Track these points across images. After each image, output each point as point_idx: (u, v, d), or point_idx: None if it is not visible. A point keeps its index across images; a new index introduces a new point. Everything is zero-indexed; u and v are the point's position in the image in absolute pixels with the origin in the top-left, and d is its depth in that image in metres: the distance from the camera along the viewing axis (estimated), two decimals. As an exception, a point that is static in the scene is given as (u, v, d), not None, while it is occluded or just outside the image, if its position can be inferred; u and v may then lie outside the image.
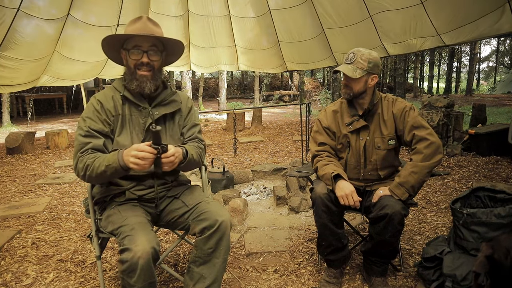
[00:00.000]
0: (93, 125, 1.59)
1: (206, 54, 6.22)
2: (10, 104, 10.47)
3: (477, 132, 5.00)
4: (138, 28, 1.58)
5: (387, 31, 4.54)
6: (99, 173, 1.50)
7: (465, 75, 28.48)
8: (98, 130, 1.59)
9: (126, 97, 1.65)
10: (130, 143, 1.62)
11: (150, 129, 1.61)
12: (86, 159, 1.53)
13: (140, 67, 1.60)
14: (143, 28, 1.58)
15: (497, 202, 2.03)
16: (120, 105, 1.65)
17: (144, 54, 1.59)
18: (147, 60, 1.59)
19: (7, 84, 4.18)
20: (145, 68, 1.60)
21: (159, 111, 1.69)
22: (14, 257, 2.45)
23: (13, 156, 5.87)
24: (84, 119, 1.60)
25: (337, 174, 1.88)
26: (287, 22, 5.58)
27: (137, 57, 1.59)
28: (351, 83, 1.93)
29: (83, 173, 1.53)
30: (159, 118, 1.69)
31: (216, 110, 9.09)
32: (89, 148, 1.56)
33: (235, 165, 5.02)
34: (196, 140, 1.80)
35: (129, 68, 1.62)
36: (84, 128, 1.58)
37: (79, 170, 1.54)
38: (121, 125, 1.64)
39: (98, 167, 1.49)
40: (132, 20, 1.62)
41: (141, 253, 1.36)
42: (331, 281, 2.01)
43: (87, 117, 1.60)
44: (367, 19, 4.60)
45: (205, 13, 5.61)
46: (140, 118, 1.67)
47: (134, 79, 1.61)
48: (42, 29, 4.14)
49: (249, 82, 23.05)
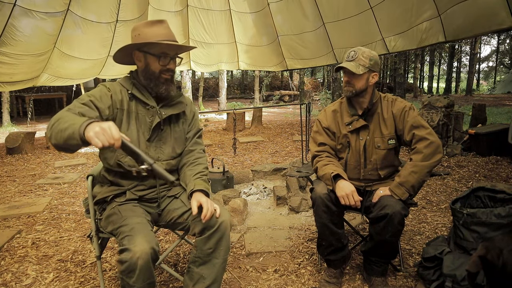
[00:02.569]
0: (96, 102, 1.55)
1: (206, 52, 6.21)
2: (10, 104, 10.47)
3: (477, 132, 5.00)
4: (164, 34, 1.61)
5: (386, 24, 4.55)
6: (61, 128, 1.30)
7: (465, 75, 28.49)
8: (97, 106, 1.55)
9: (134, 95, 1.65)
10: (136, 140, 1.64)
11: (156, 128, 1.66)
12: (66, 114, 1.40)
13: (165, 72, 1.65)
14: (170, 35, 1.63)
15: (497, 202, 2.03)
16: (127, 101, 1.65)
17: (170, 60, 1.65)
18: (174, 67, 1.67)
19: (7, 81, 4.18)
20: (169, 73, 1.66)
21: (166, 111, 1.70)
22: (14, 257, 2.45)
23: (13, 156, 5.87)
24: (88, 95, 1.57)
25: (337, 174, 1.88)
26: (286, 15, 5.58)
27: (165, 62, 1.63)
28: (353, 80, 1.93)
29: (53, 123, 1.36)
30: (165, 118, 1.69)
31: (216, 110, 9.08)
32: (79, 112, 1.45)
33: (235, 165, 5.02)
34: (198, 150, 1.83)
35: (151, 72, 1.64)
36: (85, 98, 1.54)
37: (53, 119, 1.37)
38: (127, 122, 1.64)
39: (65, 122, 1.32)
40: (150, 23, 1.63)
41: (140, 253, 1.36)
42: (331, 281, 2.01)
43: (92, 94, 1.58)
44: (367, 10, 4.60)
45: (205, 7, 5.61)
46: (147, 117, 1.67)
47: (161, 83, 1.65)
48: (40, 24, 4.12)
49: (249, 82, 23.06)
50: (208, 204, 1.58)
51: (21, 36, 3.92)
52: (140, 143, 1.65)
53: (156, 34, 1.60)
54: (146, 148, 1.67)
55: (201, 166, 1.77)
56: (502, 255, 1.13)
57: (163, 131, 1.71)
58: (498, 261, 1.14)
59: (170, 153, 1.74)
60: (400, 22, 4.45)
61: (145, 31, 1.60)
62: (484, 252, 1.19)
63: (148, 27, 1.61)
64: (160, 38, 1.59)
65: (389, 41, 4.77)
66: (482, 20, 3.52)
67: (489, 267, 1.16)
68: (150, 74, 1.64)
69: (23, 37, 3.95)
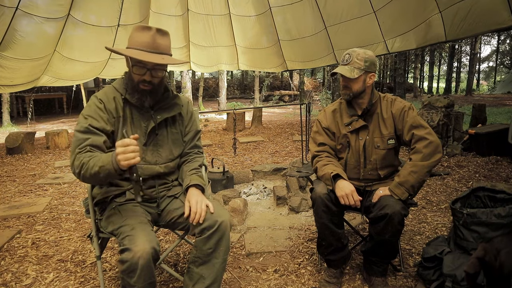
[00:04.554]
0: (95, 123, 1.54)
1: (206, 53, 6.23)
2: (10, 104, 10.48)
3: (477, 132, 5.00)
4: (146, 42, 1.51)
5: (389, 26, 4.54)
6: (92, 174, 1.42)
7: (465, 75, 28.49)
8: (99, 128, 1.55)
9: (127, 100, 1.63)
10: None
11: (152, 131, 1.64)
12: (83, 156, 1.46)
13: (143, 83, 1.57)
14: (151, 44, 1.52)
15: (497, 202, 2.03)
16: (121, 107, 1.62)
17: (147, 71, 1.55)
18: (149, 79, 1.56)
19: (7, 84, 4.19)
20: (148, 84, 1.58)
21: (161, 114, 1.68)
22: (14, 257, 2.45)
23: (13, 156, 5.87)
24: (85, 117, 1.56)
25: (337, 174, 1.88)
26: (287, 19, 5.58)
27: (140, 72, 1.55)
28: (349, 83, 1.93)
29: (78, 171, 1.46)
30: (160, 122, 1.68)
31: (216, 110, 9.08)
32: (87, 145, 1.50)
33: (235, 165, 5.02)
34: (196, 151, 1.85)
35: (131, 79, 1.58)
36: (84, 125, 1.53)
37: (75, 167, 1.47)
38: (123, 127, 1.62)
39: (92, 167, 1.42)
40: (139, 28, 1.54)
41: (141, 253, 1.36)
42: (331, 281, 2.01)
43: (88, 115, 1.56)
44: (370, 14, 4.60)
45: (205, 12, 5.61)
46: (142, 121, 1.66)
47: (136, 92, 1.59)
48: (42, 28, 4.14)
49: (249, 82, 23.05)
50: (197, 205, 1.56)
51: (23, 40, 3.93)
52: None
53: (139, 41, 1.52)
54: (143, 153, 1.65)
55: (197, 163, 1.79)
56: (499, 256, 1.14)
57: (159, 135, 1.70)
58: (495, 262, 1.14)
59: (167, 155, 1.73)
60: (403, 24, 4.44)
61: (133, 35, 1.54)
62: (482, 253, 1.19)
63: (138, 31, 1.54)
64: (139, 45, 1.51)
65: (390, 42, 4.77)
66: (483, 19, 3.51)
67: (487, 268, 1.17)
68: (130, 80, 1.60)
69: (24, 41, 3.96)
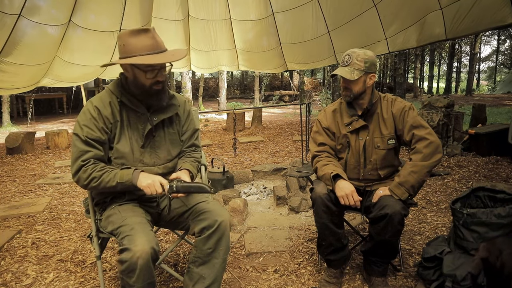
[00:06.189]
0: (90, 134, 1.55)
1: (206, 57, 6.26)
2: (10, 104, 10.48)
3: (477, 132, 5.00)
4: (149, 45, 1.51)
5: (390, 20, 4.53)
6: (107, 187, 1.55)
7: (465, 75, 28.48)
8: (95, 139, 1.56)
9: (123, 102, 1.62)
10: (130, 150, 1.63)
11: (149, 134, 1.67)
12: (91, 170, 1.53)
13: (156, 84, 1.59)
14: (155, 45, 1.52)
15: (497, 202, 2.03)
16: (117, 111, 1.62)
17: (158, 72, 1.57)
18: (162, 78, 1.60)
19: (7, 87, 4.20)
20: (160, 84, 1.60)
21: (158, 116, 1.68)
22: (14, 257, 2.45)
23: (13, 156, 5.88)
24: (81, 127, 1.56)
25: (337, 174, 1.88)
26: (290, 23, 5.57)
27: (152, 76, 1.56)
28: (350, 85, 1.93)
29: (86, 183, 1.54)
30: (157, 123, 1.68)
31: (216, 110, 9.10)
32: (91, 158, 1.55)
33: (235, 165, 5.02)
34: (193, 149, 1.86)
35: (141, 85, 1.58)
36: (82, 137, 1.55)
37: (82, 179, 1.54)
38: (119, 131, 1.62)
39: (108, 182, 1.53)
40: (133, 33, 1.51)
41: (140, 253, 1.36)
42: (331, 281, 2.01)
43: (84, 125, 1.56)
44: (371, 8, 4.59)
45: (206, 17, 5.61)
46: (139, 124, 1.66)
47: (152, 94, 1.61)
48: (44, 34, 4.16)
49: (249, 82, 23.05)
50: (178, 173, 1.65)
51: (25, 46, 3.93)
52: (134, 150, 1.65)
53: (141, 46, 1.50)
54: (141, 155, 1.66)
55: (192, 158, 1.82)
56: (501, 256, 1.14)
57: (156, 136, 1.70)
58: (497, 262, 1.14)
59: (165, 156, 1.74)
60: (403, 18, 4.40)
61: (129, 42, 1.50)
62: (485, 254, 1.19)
63: (133, 37, 1.50)
64: (145, 50, 1.50)
65: (391, 40, 4.76)
66: (484, 17, 3.51)
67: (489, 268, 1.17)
68: (140, 87, 1.59)
69: (26, 47, 3.97)
